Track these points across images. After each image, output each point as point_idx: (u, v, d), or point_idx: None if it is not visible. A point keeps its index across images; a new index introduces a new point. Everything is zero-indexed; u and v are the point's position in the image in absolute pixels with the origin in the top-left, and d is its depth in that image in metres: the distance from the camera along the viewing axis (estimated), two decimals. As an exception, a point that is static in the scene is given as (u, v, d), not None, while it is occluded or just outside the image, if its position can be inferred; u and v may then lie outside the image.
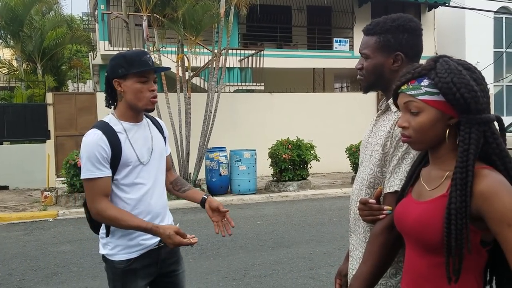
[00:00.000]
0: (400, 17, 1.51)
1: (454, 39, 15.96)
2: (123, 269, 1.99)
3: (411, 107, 1.21)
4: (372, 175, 1.50)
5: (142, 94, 1.94)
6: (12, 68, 15.73)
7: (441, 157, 1.23)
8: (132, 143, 1.98)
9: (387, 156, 1.46)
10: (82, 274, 4.79)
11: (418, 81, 1.19)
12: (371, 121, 1.68)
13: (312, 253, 5.21)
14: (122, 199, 1.98)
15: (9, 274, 4.87)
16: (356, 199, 1.57)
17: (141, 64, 1.92)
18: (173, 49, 10.55)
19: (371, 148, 1.54)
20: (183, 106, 9.57)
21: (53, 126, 11.03)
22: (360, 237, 1.55)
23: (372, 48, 1.52)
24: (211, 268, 4.79)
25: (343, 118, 12.42)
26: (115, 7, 12.24)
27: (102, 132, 1.92)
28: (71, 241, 6.24)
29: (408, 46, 1.50)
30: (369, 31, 1.54)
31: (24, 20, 13.59)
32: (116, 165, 1.94)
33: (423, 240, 1.17)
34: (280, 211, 7.91)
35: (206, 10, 9.24)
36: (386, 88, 1.56)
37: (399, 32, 1.48)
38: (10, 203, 9.13)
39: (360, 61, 1.58)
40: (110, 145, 1.91)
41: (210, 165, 9.31)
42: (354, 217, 1.59)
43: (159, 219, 2.05)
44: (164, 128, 2.22)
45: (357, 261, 1.54)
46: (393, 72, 1.51)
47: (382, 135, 1.49)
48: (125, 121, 2.00)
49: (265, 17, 14.04)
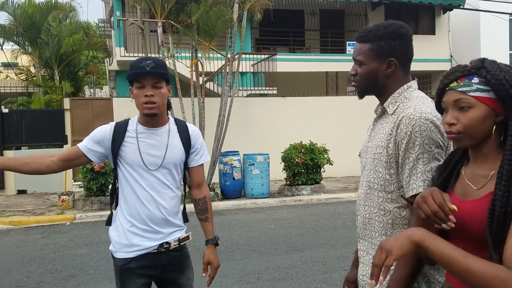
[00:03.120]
0: (391, 24, 1.56)
1: (469, 41, 15.78)
2: (121, 267, 2.05)
3: (461, 103, 1.23)
4: (381, 178, 1.52)
5: (138, 99, 1.99)
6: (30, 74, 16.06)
7: (485, 155, 1.25)
8: (140, 146, 2.03)
9: (391, 158, 1.48)
10: (99, 276, 4.87)
11: (468, 79, 1.23)
12: (369, 127, 1.72)
13: (326, 257, 5.22)
14: (126, 196, 2.06)
15: (27, 277, 4.98)
16: (363, 204, 1.59)
17: (137, 70, 1.96)
18: (187, 54, 10.67)
19: (372, 152, 1.56)
20: (197, 110, 9.66)
21: (70, 131, 11.23)
22: (374, 242, 1.55)
23: (366, 54, 1.57)
24: (225, 271, 4.82)
25: (356, 122, 12.36)
26: (130, 14, 12.42)
27: (116, 124, 2.09)
28: (88, 244, 6.35)
29: (400, 52, 1.55)
30: (362, 38, 1.59)
31: (42, 27, 13.87)
32: (115, 156, 2.04)
33: (472, 236, 1.19)
34: (293, 215, 7.92)
35: (219, 16, 9.33)
36: (380, 93, 1.60)
37: (392, 39, 1.53)
38: (28, 207, 9.31)
39: (353, 68, 1.63)
40: (113, 135, 2.04)
41: (224, 169, 9.37)
42: (364, 222, 1.60)
43: (160, 225, 2.05)
44: (194, 137, 2.18)
45: (368, 266, 1.55)
46: (387, 77, 1.56)
47: (383, 138, 1.52)
48: (141, 125, 2.07)
49: (277, 21, 14.09)
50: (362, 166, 1.66)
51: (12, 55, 16.72)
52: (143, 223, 2.04)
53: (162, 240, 2.05)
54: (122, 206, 2.06)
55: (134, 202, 2.04)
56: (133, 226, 2.03)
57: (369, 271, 1.55)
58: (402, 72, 1.58)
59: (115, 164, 2.06)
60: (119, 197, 2.08)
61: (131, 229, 2.03)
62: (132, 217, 2.04)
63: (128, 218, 2.05)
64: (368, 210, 1.57)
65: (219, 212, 8.49)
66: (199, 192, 2.23)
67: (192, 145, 2.16)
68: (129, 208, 2.04)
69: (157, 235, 2.05)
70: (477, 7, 14.34)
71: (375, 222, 1.55)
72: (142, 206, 2.03)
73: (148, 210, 2.03)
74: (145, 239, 2.02)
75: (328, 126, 12.20)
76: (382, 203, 1.53)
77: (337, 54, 14.86)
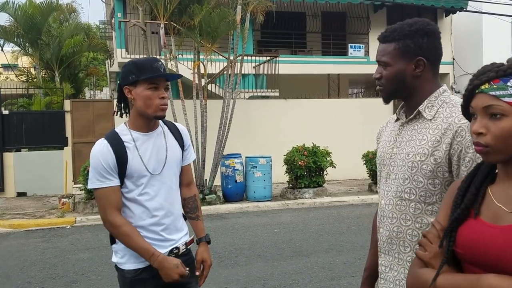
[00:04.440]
0: (417, 22, 1.45)
1: (471, 44, 15.73)
2: (132, 279, 1.96)
3: (493, 110, 1.05)
4: (422, 188, 1.39)
5: (152, 101, 1.90)
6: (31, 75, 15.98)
7: None
8: (141, 153, 1.94)
9: (439, 167, 1.36)
10: (101, 282, 4.78)
11: (504, 81, 1.05)
12: (380, 131, 1.62)
13: (332, 263, 5.13)
14: (130, 209, 1.96)
15: (28, 282, 4.89)
16: (390, 216, 1.46)
17: (151, 71, 1.90)
18: (190, 56, 10.60)
19: (408, 159, 1.43)
20: (199, 112, 9.58)
21: (70, 133, 11.15)
22: (401, 257, 1.45)
23: (391, 55, 1.45)
24: (230, 277, 4.74)
25: (358, 124, 12.31)
26: (132, 15, 12.36)
27: (109, 142, 1.92)
28: (89, 248, 6.26)
29: (429, 50, 1.44)
30: (386, 38, 1.48)
31: (42, 28, 13.79)
32: (122, 176, 1.92)
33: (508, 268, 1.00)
34: (297, 219, 7.83)
35: (222, 18, 9.27)
36: (409, 95, 1.49)
37: (419, 36, 1.43)
38: (28, 209, 9.22)
39: (378, 70, 1.51)
40: (116, 155, 1.90)
41: (226, 172, 9.29)
42: (390, 235, 1.47)
43: (169, 231, 2.01)
44: (185, 135, 2.15)
45: (393, 283, 1.46)
46: (415, 78, 1.45)
47: (425, 145, 1.40)
48: (135, 131, 1.97)
49: (279, 23, 14.04)
50: (386, 174, 1.53)
51: (13, 56, 16.65)
52: (153, 233, 1.97)
53: (171, 246, 2.00)
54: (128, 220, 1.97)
55: (142, 214, 1.96)
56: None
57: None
58: (431, 73, 1.47)
59: (121, 183, 1.95)
60: (122, 213, 1.97)
61: None
62: (140, 228, 1.96)
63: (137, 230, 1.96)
64: (397, 223, 1.45)
65: (221, 215, 8.41)
66: (188, 191, 2.18)
67: (184, 143, 2.12)
68: (137, 221, 1.96)
69: (166, 243, 2.00)
70: (480, 9, 14.29)
71: (406, 236, 1.43)
72: (150, 216, 1.96)
73: (157, 218, 1.97)
74: (157, 247, 1.95)
75: (330, 129, 12.13)
76: (420, 215, 1.40)
77: (339, 56, 14.82)
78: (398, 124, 1.55)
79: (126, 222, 1.92)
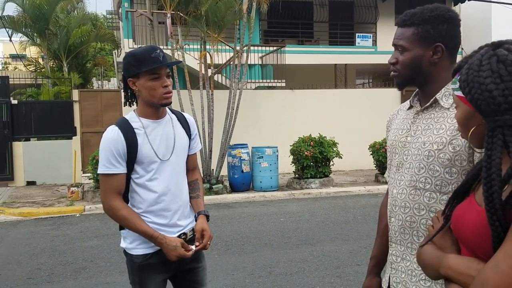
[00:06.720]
0: (438, 7, 1.42)
1: (480, 32, 15.55)
2: (140, 264, 2.00)
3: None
4: (438, 177, 1.36)
5: (156, 91, 1.94)
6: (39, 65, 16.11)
7: None
8: (151, 140, 1.98)
9: (458, 155, 1.34)
10: (110, 269, 4.87)
11: (458, 75, 1.12)
12: (403, 119, 1.54)
13: (338, 252, 5.18)
14: (140, 194, 1.99)
15: (38, 269, 4.98)
16: (403, 205, 1.43)
17: (151, 61, 1.91)
18: (196, 46, 10.61)
19: (425, 148, 1.39)
20: (206, 103, 9.61)
21: (79, 123, 11.25)
22: (414, 247, 1.41)
23: (409, 39, 1.42)
24: (237, 264, 4.81)
25: (365, 115, 12.28)
26: (139, 5, 12.36)
27: (120, 128, 1.96)
28: (98, 236, 6.36)
29: (448, 37, 1.41)
30: (405, 22, 1.44)
31: (50, 18, 13.85)
32: (132, 162, 1.96)
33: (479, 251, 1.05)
34: (303, 208, 7.88)
35: (229, 7, 9.25)
36: (424, 83, 1.45)
37: (439, 22, 1.39)
38: (38, 198, 9.35)
39: (394, 55, 1.47)
40: (126, 142, 1.93)
41: (232, 162, 9.34)
42: (402, 225, 1.44)
43: (177, 217, 2.04)
44: (192, 125, 2.18)
45: (405, 273, 1.45)
46: (432, 65, 1.42)
47: (443, 134, 1.37)
48: (144, 118, 2.01)
49: (286, 13, 13.96)
50: (398, 162, 1.49)
51: (21, 46, 16.76)
52: (162, 218, 2.01)
53: (179, 232, 2.04)
54: (136, 206, 2.01)
55: (151, 199, 2.00)
56: (151, 223, 1.99)
57: (405, 278, 1.45)
58: (449, 61, 1.44)
59: (131, 169, 1.98)
60: (131, 198, 2.02)
61: (150, 225, 1.99)
62: (149, 213, 2.00)
63: (145, 216, 2.00)
64: (410, 212, 1.42)
65: (227, 204, 8.47)
66: (192, 175, 2.23)
67: (191, 132, 2.16)
68: (146, 207, 2.00)
69: (174, 228, 2.04)
70: (489, -2, 14.11)
71: (419, 225, 1.40)
72: (159, 201, 2.00)
73: (166, 203, 2.01)
74: (164, 233, 1.99)
75: (337, 119, 12.11)
76: (434, 204, 1.37)
77: (346, 46, 14.73)
78: (412, 112, 1.51)
79: (125, 206, 1.97)
